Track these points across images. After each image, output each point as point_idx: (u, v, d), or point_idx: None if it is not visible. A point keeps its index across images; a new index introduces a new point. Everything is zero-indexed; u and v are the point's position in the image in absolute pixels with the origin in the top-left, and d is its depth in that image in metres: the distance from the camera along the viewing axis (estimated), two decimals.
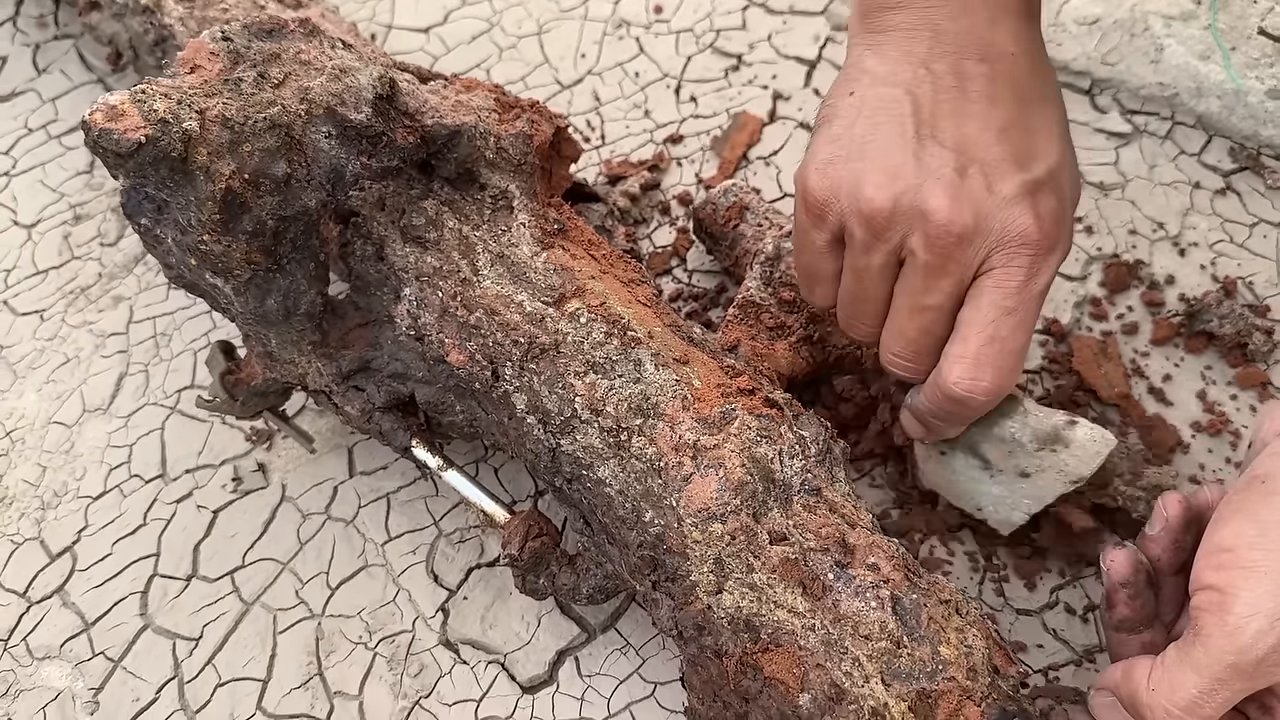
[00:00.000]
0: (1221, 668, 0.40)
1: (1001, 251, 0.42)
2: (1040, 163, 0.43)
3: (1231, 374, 0.59)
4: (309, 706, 0.55)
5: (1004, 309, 0.43)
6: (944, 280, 0.43)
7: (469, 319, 0.52)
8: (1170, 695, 0.42)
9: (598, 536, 0.51)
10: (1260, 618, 0.40)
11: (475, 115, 0.55)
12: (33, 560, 0.62)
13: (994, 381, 0.44)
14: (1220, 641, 0.40)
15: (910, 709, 0.42)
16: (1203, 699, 0.41)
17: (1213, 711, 0.41)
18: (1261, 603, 0.40)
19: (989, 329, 0.43)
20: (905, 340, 0.46)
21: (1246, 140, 0.67)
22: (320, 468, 0.63)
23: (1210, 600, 0.41)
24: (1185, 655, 0.42)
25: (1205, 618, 0.41)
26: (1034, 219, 0.42)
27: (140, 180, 0.47)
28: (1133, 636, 0.48)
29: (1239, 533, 0.42)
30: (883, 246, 0.45)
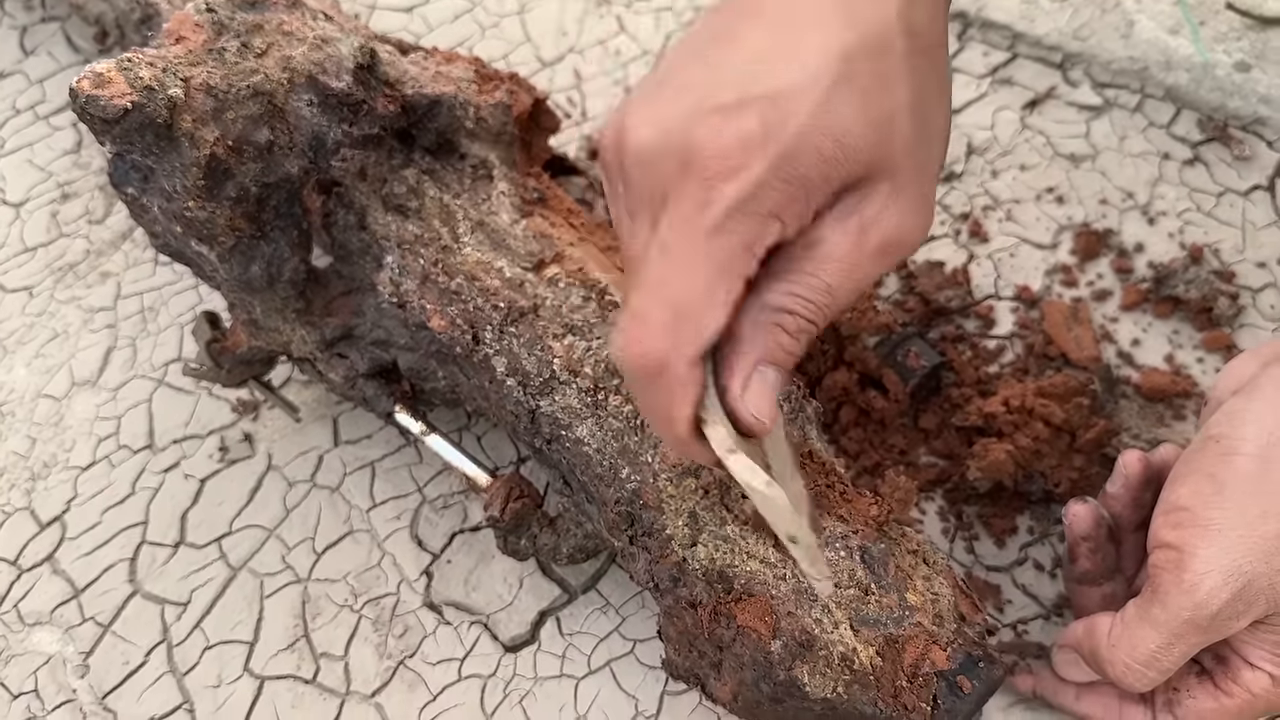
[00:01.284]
0: (1179, 623, 0.42)
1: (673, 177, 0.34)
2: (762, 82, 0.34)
3: (1198, 337, 0.60)
4: (295, 667, 0.57)
5: (662, 248, 0.34)
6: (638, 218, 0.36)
7: (450, 285, 0.53)
8: (1130, 650, 0.43)
9: (577, 496, 0.52)
10: (1215, 574, 0.41)
11: (455, 86, 0.56)
12: (23, 529, 0.63)
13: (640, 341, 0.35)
14: (1177, 598, 0.42)
15: (878, 653, 0.43)
16: (1161, 653, 0.43)
17: (1170, 664, 0.43)
18: (1216, 560, 0.41)
19: (646, 274, 0.35)
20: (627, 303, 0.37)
21: (1214, 112, 0.68)
22: (305, 437, 0.64)
23: (1167, 558, 0.42)
24: (1144, 612, 0.43)
25: (1162, 575, 0.43)
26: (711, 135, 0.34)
27: (127, 147, 0.48)
28: (1094, 589, 0.49)
29: (1195, 492, 0.43)
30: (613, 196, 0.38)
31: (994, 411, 0.55)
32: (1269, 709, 0.44)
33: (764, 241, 0.34)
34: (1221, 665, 0.45)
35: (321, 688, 0.56)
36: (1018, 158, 0.69)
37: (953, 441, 0.57)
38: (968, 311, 0.62)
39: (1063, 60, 0.72)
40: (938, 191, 0.67)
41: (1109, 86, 0.71)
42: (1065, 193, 0.67)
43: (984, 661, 0.44)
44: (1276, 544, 0.40)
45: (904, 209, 0.36)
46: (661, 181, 0.34)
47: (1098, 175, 0.67)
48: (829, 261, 0.36)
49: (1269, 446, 0.42)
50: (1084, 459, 0.55)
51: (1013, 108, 0.71)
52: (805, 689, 0.43)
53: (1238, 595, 0.41)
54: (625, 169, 0.36)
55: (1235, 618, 0.41)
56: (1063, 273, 0.63)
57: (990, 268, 0.64)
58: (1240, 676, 0.44)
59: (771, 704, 0.45)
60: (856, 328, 0.58)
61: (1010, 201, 0.67)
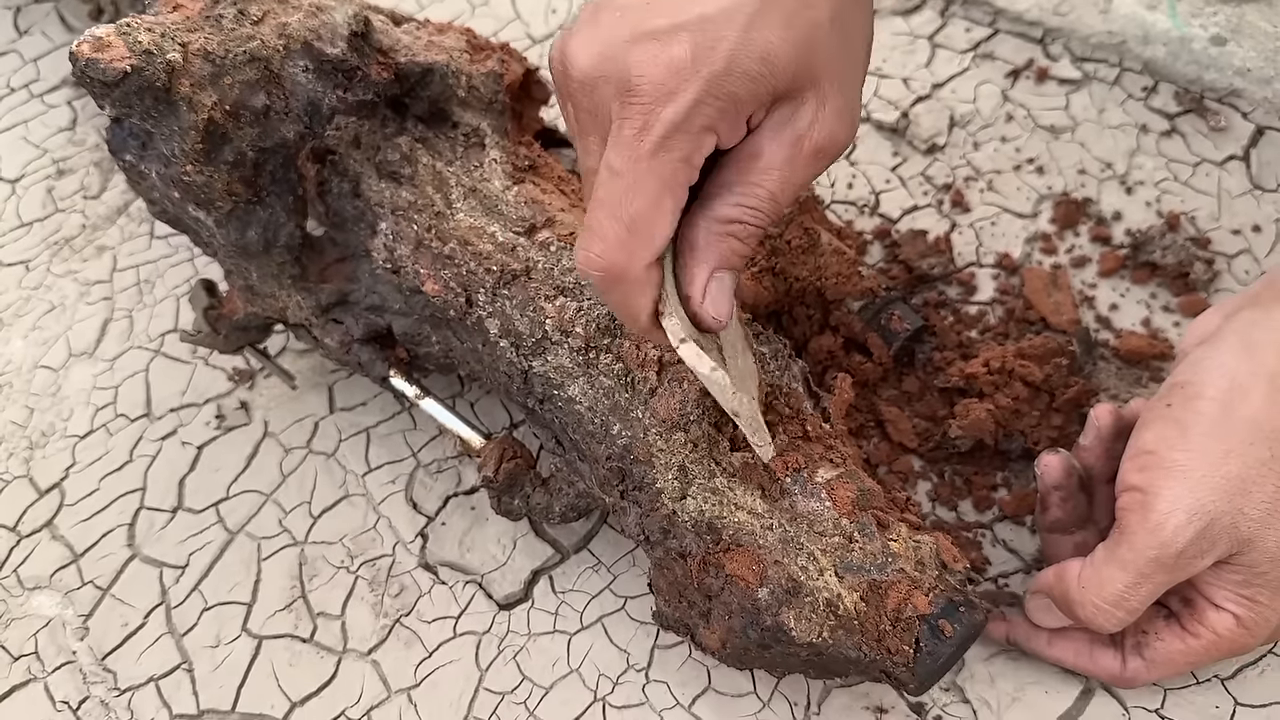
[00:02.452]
0: (1145, 562, 0.43)
1: (616, 100, 0.37)
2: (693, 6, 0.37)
3: (1174, 302, 0.62)
4: (293, 627, 0.58)
5: (610, 169, 0.37)
6: (589, 138, 0.39)
7: (443, 250, 0.54)
8: (1098, 590, 0.45)
9: (569, 455, 0.54)
10: (1179, 513, 0.42)
11: (447, 55, 0.58)
12: (21, 497, 0.64)
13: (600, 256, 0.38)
14: (1143, 538, 0.43)
15: (862, 599, 0.45)
16: (1128, 592, 0.44)
17: (1138, 604, 0.44)
18: (1180, 500, 0.43)
19: (599, 193, 0.38)
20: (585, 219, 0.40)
21: (1190, 85, 0.70)
22: (301, 405, 0.65)
23: (1134, 500, 0.44)
24: (1111, 553, 0.45)
25: (1129, 517, 0.44)
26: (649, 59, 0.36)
27: (126, 110, 0.49)
28: (1066, 537, 0.51)
29: (1161, 436, 0.44)
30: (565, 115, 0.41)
31: (975, 372, 0.57)
32: (1233, 650, 0.46)
33: (701, 153, 0.38)
34: (1188, 607, 0.46)
35: (319, 646, 0.57)
36: (999, 130, 0.70)
37: (935, 403, 0.59)
38: (950, 278, 0.64)
39: (1043, 35, 0.74)
40: (921, 162, 0.69)
41: (1088, 60, 0.72)
42: (1045, 163, 0.68)
43: (965, 606, 0.45)
44: (1239, 483, 0.42)
45: (831, 117, 0.39)
46: (604, 104, 0.38)
47: (1077, 146, 0.69)
48: (770, 171, 0.40)
49: (1230, 390, 0.43)
50: (1063, 418, 0.56)
51: (994, 81, 0.72)
52: (791, 634, 0.45)
53: (1201, 534, 0.42)
54: (571, 93, 0.39)
55: (1199, 556, 0.43)
56: (1042, 240, 0.65)
57: (972, 236, 0.66)
58: (1205, 618, 0.45)
59: (759, 650, 0.46)
60: (841, 292, 0.59)
61: (991, 172, 0.68)
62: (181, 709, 0.56)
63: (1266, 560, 0.43)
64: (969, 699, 0.51)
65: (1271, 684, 0.50)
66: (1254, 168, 0.67)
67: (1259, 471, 0.42)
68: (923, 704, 0.51)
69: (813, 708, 0.52)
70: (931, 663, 0.44)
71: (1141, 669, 0.47)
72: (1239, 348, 0.45)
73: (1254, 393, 0.43)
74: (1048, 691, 0.51)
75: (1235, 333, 0.45)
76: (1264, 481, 0.42)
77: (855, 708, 0.52)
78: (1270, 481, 0.42)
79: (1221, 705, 0.50)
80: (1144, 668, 0.47)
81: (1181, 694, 0.50)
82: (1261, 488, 0.42)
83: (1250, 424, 0.43)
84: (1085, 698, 0.51)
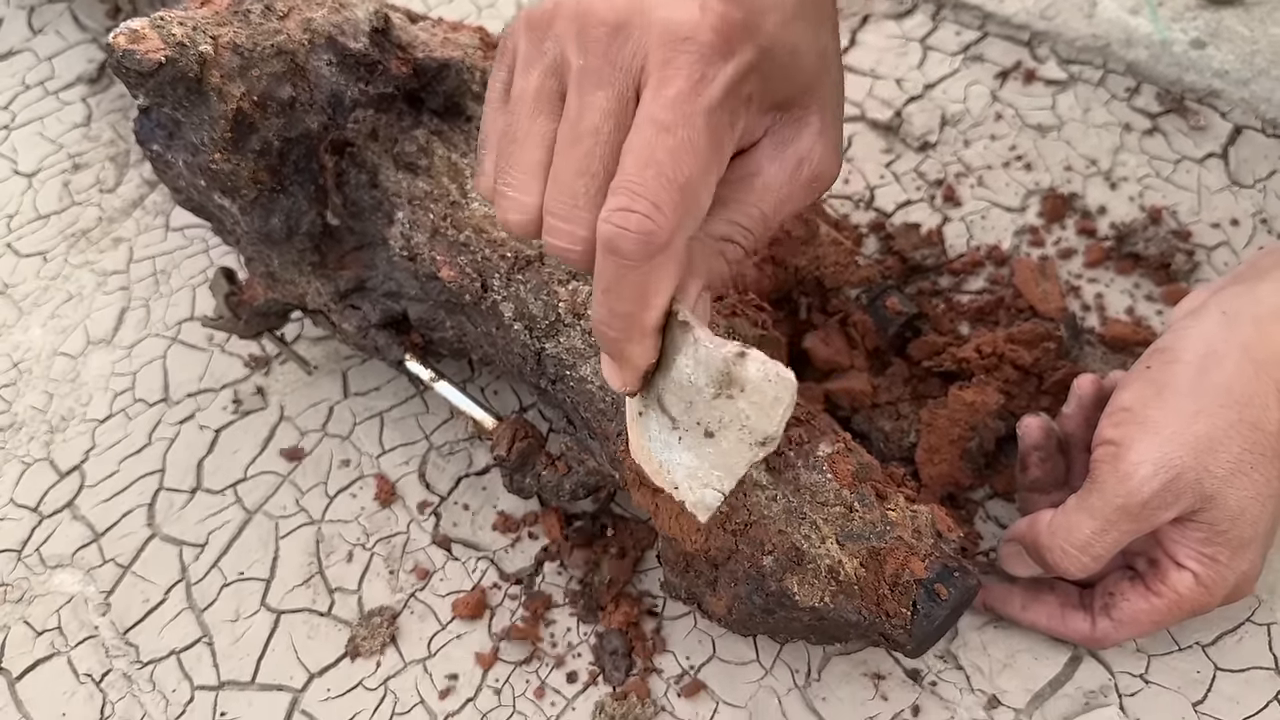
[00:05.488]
0: (1112, 510, 0.46)
1: (660, 48, 0.33)
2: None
3: (1157, 291, 0.64)
4: (310, 601, 0.60)
5: (660, 124, 0.33)
6: (600, 92, 0.34)
7: (459, 237, 0.56)
8: (1067, 536, 0.47)
9: (580, 434, 0.56)
10: (1147, 465, 0.45)
11: (462, 51, 0.60)
12: (42, 479, 0.66)
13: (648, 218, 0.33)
14: (1112, 486, 0.46)
15: (861, 565, 0.47)
16: (1095, 538, 0.47)
17: (1103, 550, 0.47)
18: (1150, 453, 0.45)
19: (644, 152, 0.33)
20: (559, 187, 0.35)
21: (1172, 86, 0.73)
22: (316, 390, 0.67)
23: (1107, 452, 0.47)
24: (1082, 501, 0.47)
25: (1101, 467, 0.47)
26: (701, 11, 0.33)
27: (159, 100, 0.52)
28: (1043, 497, 0.54)
29: (1137, 395, 0.47)
30: (540, 61, 0.36)
31: (967, 357, 0.59)
32: (1195, 608, 0.48)
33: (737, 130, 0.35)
34: (1153, 568, 0.49)
35: (336, 619, 0.59)
36: (988, 128, 0.73)
37: (927, 386, 0.61)
38: (942, 269, 0.66)
39: (1030, 38, 0.77)
40: (914, 159, 0.72)
41: (1074, 62, 0.75)
42: (1033, 160, 0.71)
43: (959, 572, 0.47)
44: (1206, 442, 0.45)
45: (829, 146, 0.39)
46: (633, 54, 0.34)
47: (1063, 144, 0.72)
48: (768, 192, 0.38)
49: (1206, 356, 0.46)
50: (1051, 400, 0.59)
51: (984, 82, 0.75)
52: (795, 599, 0.47)
53: (1167, 486, 0.45)
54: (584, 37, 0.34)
55: (1164, 508, 0.45)
56: (1031, 233, 0.68)
57: (963, 229, 0.69)
58: (1168, 577, 0.48)
59: (763, 615, 0.49)
60: (839, 281, 0.61)
61: (982, 168, 0.71)
62: (202, 680, 0.58)
63: (1227, 518, 0.46)
64: (962, 665, 0.54)
65: (1249, 650, 0.53)
66: (1232, 165, 0.70)
67: (1226, 432, 0.45)
68: (919, 670, 0.54)
69: (813, 674, 0.54)
70: (928, 624, 0.46)
71: (1110, 629, 0.50)
72: (1219, 318, 0.47)
73: (1228, 360, 0.46)
74: (1037, 658, 0.53)
75: (1217, 305, 0.48)
76: (1230, 442, 0.45)
77: (854, 675, 0.54)
78: (1236, 442, 0.45)
79: (1202, 670, 0.53)
80: (1112, 628, 0.50)
81: (1164, 659, 0.53)
82: (1227, 448, 0.45)
83: (1222, 388, 0.45)
84: (1073, 664, 0.53)
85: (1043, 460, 0.53)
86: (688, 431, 0.38)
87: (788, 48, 0.36)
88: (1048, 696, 0.52)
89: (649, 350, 0.36)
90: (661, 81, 0.33)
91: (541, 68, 0.36)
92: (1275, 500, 0.46)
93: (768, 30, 0.35)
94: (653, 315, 0.35)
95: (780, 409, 0.35)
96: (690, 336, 0.36)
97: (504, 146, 0.37)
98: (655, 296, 0.35)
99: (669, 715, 0.54)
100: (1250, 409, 0.45)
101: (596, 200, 0.34)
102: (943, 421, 0.57)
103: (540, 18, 0.36)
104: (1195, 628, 0.53)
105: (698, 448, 0.38)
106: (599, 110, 0.34)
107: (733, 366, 0.35)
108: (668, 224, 0.33)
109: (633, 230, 0.33)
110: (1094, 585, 0.52)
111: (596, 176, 0.34)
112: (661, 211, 0.33)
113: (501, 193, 0.37)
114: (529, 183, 0.36)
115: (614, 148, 0.34)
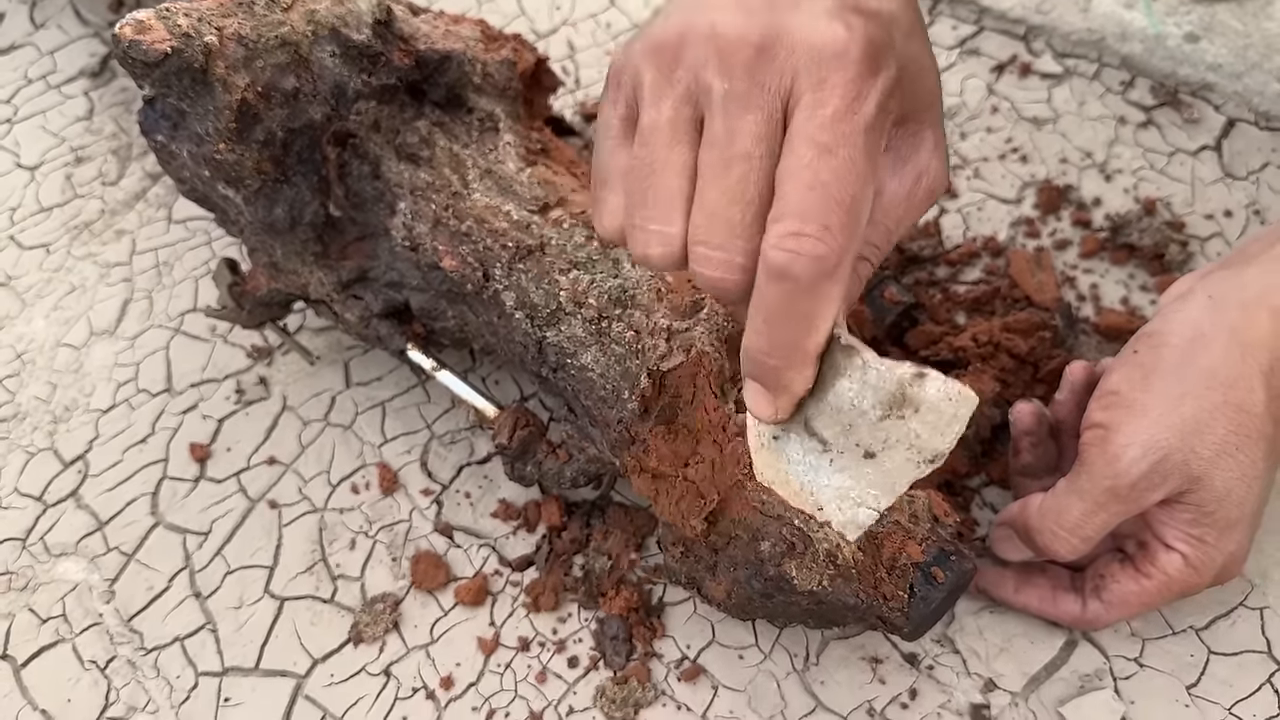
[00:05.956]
0: (1100, 491, 0.47)
1: (812, 69, 0.33)
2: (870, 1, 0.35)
3: (1151, 281, 0.65)
4: (314, 588, 0.60)
5: (821, 145, 0.32)
6: (749, 115, 0.34)
7: (460, 228, 0.57)
8: (1057, 518, 0.48)
9: (580, 421, 0.57)
10: (1135, 447, 0.46)
11: (464, 44, 0.61)
12: (46, 468, 0.67)
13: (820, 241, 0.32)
14: (1100, 468, 0.47)
15: (859, 549, 0.48)
16: (1084, 520, 0.47)
17: (1093, 532, 0.48)
18: (1137, 435, 0.46)
19: (806, 174, 0.32)
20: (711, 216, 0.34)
21: (1166, 79, 0.74)
22: (319, 380, 0.68)
23: (1095, 435, 0.47)
24: (1071, 484, 0.48)
25: (1089, 450, 0.47)
26: (847, 29, 0.33)
27: (164, 90, 0.52)
28: (1035, 481, 0.54)
29: (1125, 378, 0.48)
30: (672, 91, 0.35)
31: (963, 345, 0.60)
32: (1184, 590, 0.49)
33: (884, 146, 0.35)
34: (1142, 550, 0.50)
35: (339, 606, 0.59)
36: (984, 121, 0.74)
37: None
38: (939, 260, 0.67)
39: (1026, 32, 0.77)
40: None
41: (1069, 56, 0.76)
42: (1029, 152, 0.72)
43: (955, 555, 0.48)
44: (1193, 424, 0.45)
45: (942, 159, 0.39)
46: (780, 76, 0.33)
47: (1059, 137, 0.72)
48: (893, 208, 0.38)
49: (1193, 340, 0.47)
50: (1046, 388, 0.59)
51: (980, 76, 0.76)
52: (793, 583, 0.47)
53: (1154, 467, 0.46)
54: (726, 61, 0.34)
55: (1151, 489, 0.46)
56: (1026, 225, 0.68)
57: (960, 220, 0.69)
58: (1157, 559, 0.48)
59: (762, 599, 0.49)
60: None
61: (978, 160, 0.72)
62: (206, 667, 0.58)
63: (1214, 499, 0.46)
64: (959, 650, 0.54)
65: (1242, 633, 0.54)
66: (1225, 157, 0.70)
67: (1212, 415, 0.46)
68: (916, 654, 0.54)
69: (811, 658, 0.55)
70: (924, 607, 0.47)
71: (1101, 611, 0.51)
72: (1205, 303, 0.48)
73: (1215, 343, 0.47)
74: (1033, 642, 0.54)
75: (1204, 290, 0.49)
76: (1215, 424, 0.46)
77: (852, 658, 0.55)
78: (1222, 424, 0.46)
79: (1196, 654, 0.53)
80: (1103, 609, 0.50)
81: (1159, 643, 0.54)
82: (1213, 430, 0.46)
83: (1208, 371, 0.46)
84: (1069, 648, 0.54)
85: (1034, 445, 0.54)
86: (842, 454, 0.38)
87: (915, 64, 0.36)
88: (1043, 680, 0.53)
89: (810, 377, 0.36)
90: (818, 102, 0.33)
91: (675, 96, 0.35)
92: (1261, 481, 0.47)
93: (899, 47, 0.35)
94: (818, 340, 0.35)
95: (957, 426, 0.35)
96: (857, 360, 0.35)
97: (638, 180, 0.36)
98: (822, 321, 0.34)
99: (669, 699, 0.54)
100: (1236, 391, 0.46)
101: (753, 227, 0.34)
102: None
103: (666, 45, 0.35)
104: (1189, 612, 0.54)
105: (853, 468, 0.38)
106: (750, 134, 0.33)
107: (909, 388, 0.35)
108: (839, 246, 0.32)
109: (805, 254, 0.32)
110: (1085, 568, 0.52)
111: (753, 203, 0.34)
112: (832, 234, 0.32)
113: (640, 227, 0.36)
114: (671, 214, 0.35)
115: (768, 173, 0.33)
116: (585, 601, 0.58)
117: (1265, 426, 0.46)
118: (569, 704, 0.55)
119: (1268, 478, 0.48)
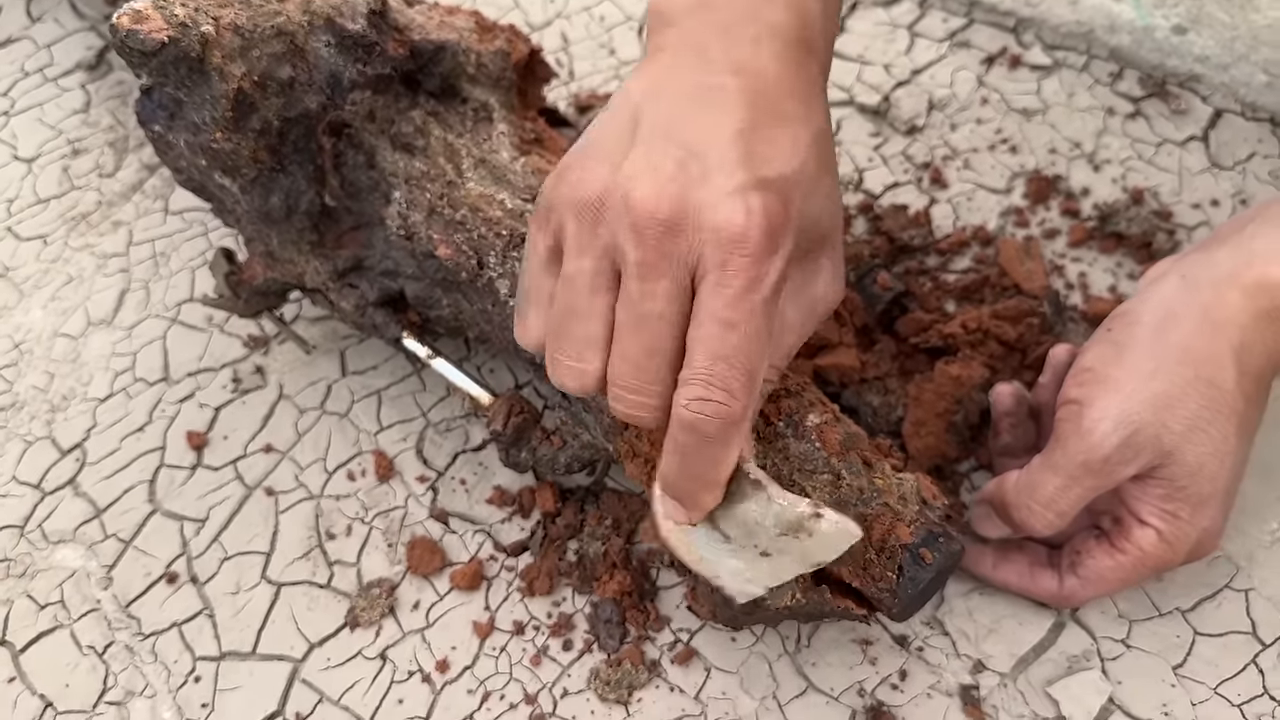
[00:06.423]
0: (1074, 466, 0.47)
1: (715, 250, 0.37)
2: (771, 167, 0.39)
3: (1138, 270, 0.66)
4: (310, 574, 0.61)
5: (724, 321, 0.37)
6: (659, 281, 0.38)
7: (455, 216, 0.58)
8: (1031, 493, 0.49)
9: (574, 407, 0.57)
10: (1108, 421, 0.47)
11: (458, 34, 0.61)
12: (44, 457, 0.67)
13: (724, 404, 0.37)
14: (1074, 443, 0.47)
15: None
16: (1059, 495, 0.48)
17: (1067, 506, 0.48)
18: (1109, 409, 0.47)
19: (713, 344, 0.37)
20: (628, 363, 0.39)
21: (1154, 71, 0.75)
22: (315, 369, 0.68)
23: (1070, 411, 0.48)
24: (1046, 459, 0.49)
25: (1064, 425, 0.48)
26: (746, 214, 0.37)
27: (161, 79, 0.53)
28: (1014, 461, 0.55)
29: (1099, 355, 0.49)
30: (593, 246, 0.39)
31: (953, 332, 0.61)
32: (1158, 565, 0.50)
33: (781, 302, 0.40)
34: (1117, 526, 0.50)
35: (336, 591, 0.60)
36: (974, 112, 0.75)
37: (914, 362, 0.62)
38: (929, 249, 0.68)
39: (1016, 24, 0.78)
40: (902, 142, 0.73)
41: (1058, 48, 0.77)
42: (1018, 143, 0.73)
43: (944, 537, 0.49)
44: (1164, 399, 0.46)
45: (837, 277, 0.44)
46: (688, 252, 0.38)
47: (1048, 127, 0.73)
48: (790, 332, 0.43)
49: (1166, 318, 0.48)
50: (1034, 374, 0.60)
51: (970, 68, 0.77)
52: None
53: (1126, 441, 0.46)
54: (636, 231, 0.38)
55: (1124, 463, 0.47)
56: (1016, 214, 0.69)
57: (950, 210, 0.70)
58: (1132, 534, 0.49)
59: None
60: None
61: (968, 151, 0.73)
62: (204, 651, 0.59)
63: (1186, 474, 0.47)
64: (948, 631, 0.55)
65: (1227, 615, 0.54)
66: (1212, 148, 0.71)
67: (1183, 390, 0.46)
68: (906, 636, 0.55)
69: (803, 641, 0.55)
70: (913, 588, 0.48)
71: (1077, 587, 0.51)
72: (1178, 282, 0.49)
73: (1186, 320, 0.47)
74: (1021, 623, 0.55)
75: (1177, 271, 0.50)
76: (1186, 399, 0.46)
77: (843, 640, 0.55)
78: (1193, 400, 0.46)
79: (1182, 634, 0.54)
80: (1079, 586, 0.51)
81: (1145, 624, 0.54)
82: (1184, 405, 0.46)
83: (1180, 347, 0.47)
84: (1056, 629, 0.55)
85: (1014, 426, 0.55)
86: (742, 549, 0.44)
87: (812, 216, 0.40)
88: (1031, 661, 0.54)
89: (718, 496, 0.41)
90: (721, 281, 0.37)
91: (595, 251, 0.39)
92: (1233, 457, 0.48)
93: (798, 207, 0.39)
94: (724, 472, 0.40)
95: (843, 548, 0.43)
96: (764, 494, 0.41)
97: (560, 318, 0.41)
98: (728, 459, 0.40)
99: (662, 681, 0.55)
100: (1207, 368, 0.47)
101: (665, 375, 0.39)
102: (929, 396, 0.58)
103: (588, 204, 0.39)
104: (1175, 594, 0.55)
105: (749, 559, 0.44)
106: (661, 297, 0.38)
107: (806, 521, 0.41)
108: (741, 405, 0.38)
109: (710, 415, 0.37)
110: (1062, 545, 0.53)
111: (666, 354, 0.39)
112: (735, 396, 0.37)
113: (559, 360, 0.41)
114: (587, 355, 0.40)
115: (679, 328, 0.38)
116: (579, 586, 0.58)
117: (1236, 403, 0.47)
118: (563, 686, 0.55)
119: (1240, 454, 0.48)
